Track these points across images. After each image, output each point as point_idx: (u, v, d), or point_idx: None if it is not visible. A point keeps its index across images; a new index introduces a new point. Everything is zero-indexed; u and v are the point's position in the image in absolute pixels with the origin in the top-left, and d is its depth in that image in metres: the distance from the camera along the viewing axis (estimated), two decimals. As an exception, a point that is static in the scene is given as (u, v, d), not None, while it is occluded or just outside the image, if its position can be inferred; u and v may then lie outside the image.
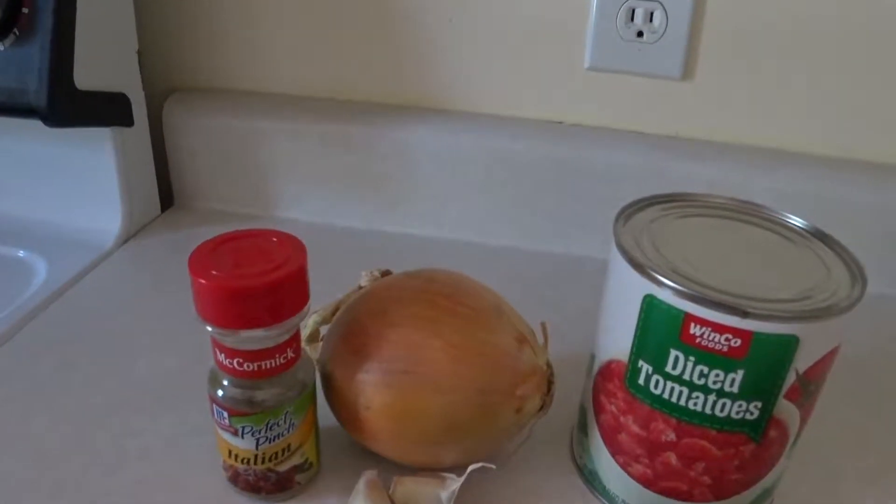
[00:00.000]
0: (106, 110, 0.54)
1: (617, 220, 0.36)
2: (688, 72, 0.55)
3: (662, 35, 0.54)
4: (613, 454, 0.37)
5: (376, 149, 0.59)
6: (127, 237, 0.59)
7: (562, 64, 0.57)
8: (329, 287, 0.42)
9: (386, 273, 0.41)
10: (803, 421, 0.34)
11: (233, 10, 0.60)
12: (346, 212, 0.63)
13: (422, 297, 0.36)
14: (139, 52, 0.57)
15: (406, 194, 0.61)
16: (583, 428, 0.39)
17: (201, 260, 0.32)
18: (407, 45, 0.59)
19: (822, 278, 0.33)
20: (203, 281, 0.31)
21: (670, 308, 0.31)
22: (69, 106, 0.51)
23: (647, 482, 0.36)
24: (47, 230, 0.58)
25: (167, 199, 0.65)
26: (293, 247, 0.33)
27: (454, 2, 0.56)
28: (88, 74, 0.51)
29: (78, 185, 0.57)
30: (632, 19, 0.54)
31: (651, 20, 0.54)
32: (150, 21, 0.61)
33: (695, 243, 0.35)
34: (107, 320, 0.50)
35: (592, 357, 0.38)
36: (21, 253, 0.56)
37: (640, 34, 0.54)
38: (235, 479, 0.37)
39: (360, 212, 0.62)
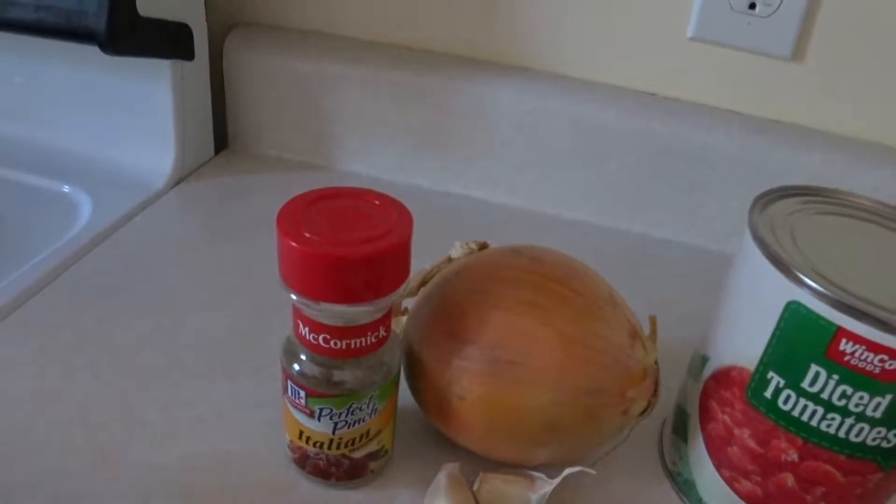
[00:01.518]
0: (167, 41, 0.50)
1: (753, 207, 0.33)
2: (799, 52, 0.51)
3: (777, 9, 0.50)
4: (718, 467, 0.34)
5: (452, 105, 0.55)
6: (179, 179, 0.56)
7: (663, 30, 0.52)
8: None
9: (483, 246, 0.37)
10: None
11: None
12: (413, 169, 0.59)
13: (529, 278, 0.32)
14: (203, -20, 0.53)
15: (480, 156, 0.57)
16: (681, 433, 0.36)
17: (293, 218, 0.29)
18: (496, -4, 0.54)
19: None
20: (294, 244, 0.27)
21: (820, 319, 0.28)
22: (129, 33, 0.47)
23: (754, 501, 0.33)
24: (95, 165, 0.55)
25: (221, 141, 0.62)
26: (398, 212, 0.30)
27: (550, -49, 0.52)
28: (151, 1, 0.48)
29: (130, 119, 0.54)
30: (746, -12, 0.50)
31: (767, -10, 0.49)
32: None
33: (837, 246, 0.31)
34: (154, 270, 0.47)
35: (704, 358, 0.35)
36: (66, 188, 0.53)
37: (752, 6, 0.50)
38: (303, 462, 0.34)
39: (428, 170, 0.59)
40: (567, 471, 0.32)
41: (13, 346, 0.41)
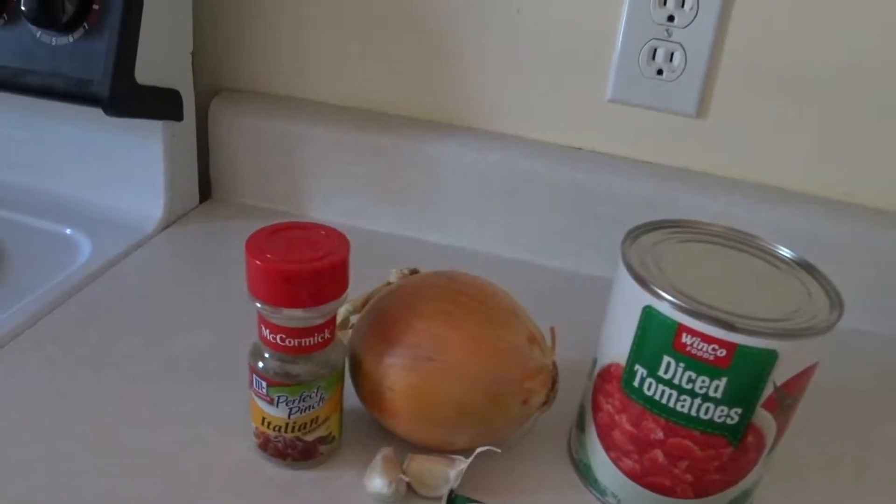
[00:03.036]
0: (160, 105, 0.60)
1: (625, 239, 0.41)
2: (702, 110, 0.61)
3: (681, 74, 0.59)
4: (607, 449, 0.42)
5: (405, 159, 0.65)
6: (167, 224, 0.65)
7: (585, 94, 0.62)
8: (355, 283, 0.47)
9: (414, 271, 0.46)
10: (780, 431, 0.39)
11: (281, 20, 0.66)
12: (373, 216, 0.68)
13: (446, 293, 0.41)
14: (192, 53, 0.62)
15: (430, 204, 0.66)
16: (580, 425, 0.44)
17: (257, 244, 0.37)
18: (441, 66, 0.64)
19: (804, 303, 0.38)
20: (258, 262, 0.36)
21: (666, 319, 0.37)
22: (128, 98, 0.56)
23: (635, 476, 0.41)
24: (94, 211, 0.63)
25: (206, 191, 0.71)
26: (339, 240, 0.38)
27: (489, 29, 0.62)
28: (147, 70, 0.57)
29: (126, 171, 0.63)
30: (653, 58, 0.59)
31: (671, 60, 0.59)
32: (204, 24, 0.67)
33: (693, 265, 0.40)
34: (147, 299, 0.56)
35: (594, 361, 0.43)
36: (68, 230, 0.62)
37: (660, 72, 0.60)
38: (265, 445, 0.42)
39: (386, 217, 0.68)
40: (478, 450, 0.40)
41: (27, 355, 0.49)
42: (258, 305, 0.38)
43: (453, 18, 0.63)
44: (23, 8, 0.54)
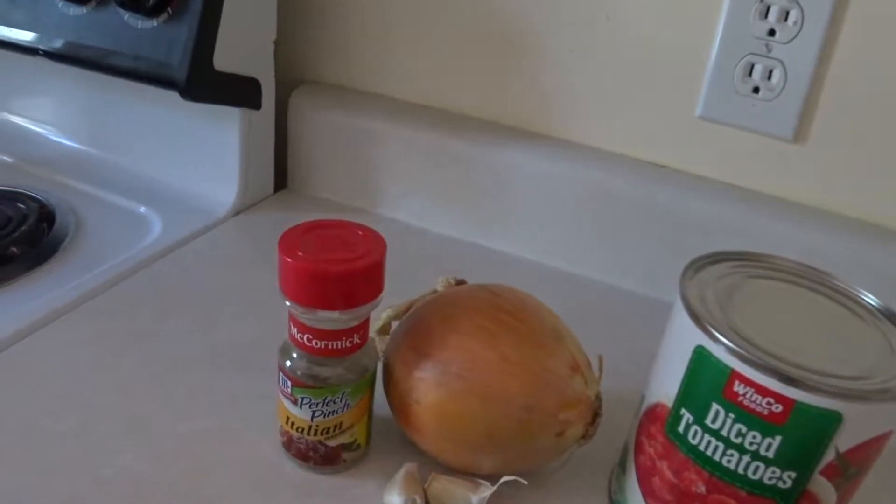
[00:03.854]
0: (238, 92, 0.60)
1: (686, 269, 0.38)
2: (800, 134, 0.55)
3: (779, 94, 0.54)
4: (646, 496, 0.38)
5: (480, 164, 0.62)
6: (238, 210, 0.65)
7: (674, 109, 0.58)
8: (409, 286, 0.45)
9: (461, 282, 0.44)
10: (841, 502, 0.35)
11: (368, 16, 0.65)
12: (441, 220, 0.66)
13: (486, 308, 0.38)
14: (275, 43, 0.62)
15: (501, 212, 0.64)
16: (622, 465, 0.41)
17: (291, 241, 0.36)
18: (524, 71, 0.62)
19: (883, 360, 0.33)
20: (289, 260, 0.35)
21: (718, 362, 0.33)
22: (205, 84, 0.56)
23: (673, 529, 0.37)
24: (168, 192, 0.64)
25: (281, 181, 0.70)
26: (375, 241, 0.37)
27: (575, 35, 0.59)
28: (227, 57, 0.57)
29: (202, 155, 0.63)
30: (749, 74, 0.55)
31: (769, 78, 0.54)
32: (289, 14, 0.66)
33: (759, 305, 0.36)
34: (205, 282, 0.56)
35: (642, 397, 0.39)
36: (142, 209, 0.63)
37: (756, 90, 0.55)
38: (289, 444, 0.40)
39: (454, 222, 0.66)
40: (504, 478, 0.38)
41: (79, 328, 0.50)
42: (287, 304, 0.36)
43: (540, 23, 0.60)
44: (113, -9, 0.55)
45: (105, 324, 0.50)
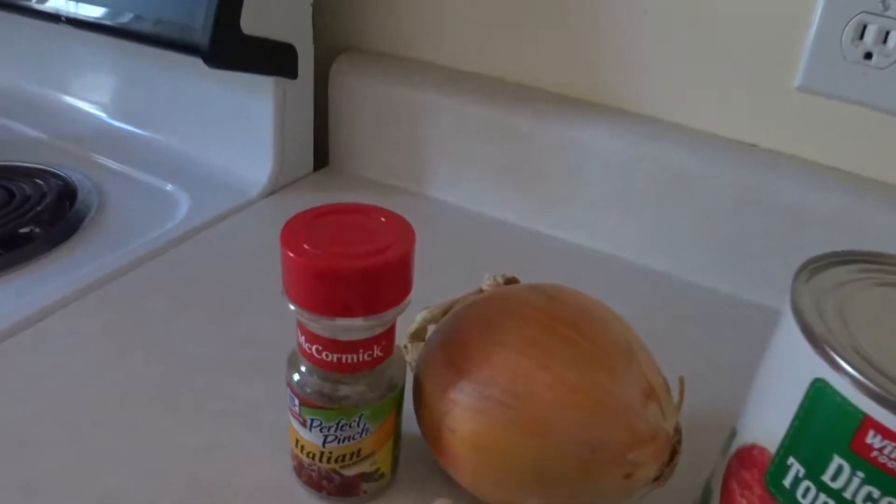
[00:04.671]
0: (270, 59, 0.52)
1: (798, 274, 0.29)
2: (922, 109, 0.45)
3: (897, 61, 0.44)
4: (735, 556, 0.30)
5: (540, 141, 0.54)
6: (273, 190, 0.58)
7: (767, 79, 0.48)
8: (455, 280, 0.38)
9: (511, 281, 0.36)
10: None
11: (416, -26, 0.57)
12: (497, 202, 0.58)
13: (539, 317, 0.30)
14: (313, 5, 0.54)
15: (565, 195, 0.55)
16: (704, 512, 0.32)
17: (296, 230, 0.28)
18: (591, 32, 0.52)
19: None
20: (292, 255, 0.27)
21: (846, 403, 0.24)
22: (231, 49, 0.50)
23: None
24: (197, 169, 0.58)
25: (323, 158, 0.63)
26: (401, 230, 0.29)
27: (655, -8, 0.50)
28: (257, 21, 0.50)
29: (235, 129, 0.57)
30: (861, 37, 0.45)
31: (885, 41, 0.44)
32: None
33: (893, 324, 0.27)
34: (228, 271, 0.49)
35: (733, 432, 0.31)
36: (169, 186, 0.57)
37: (868, 56, 0.45)
38: (300, 470, 0.33)
39: (512, 205, 0.57)
40: (556, 528, 0.30)
41: (84, 319, 0.44)
42: (292, 308, 0.29)
43: (613, -22, 0.50)
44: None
45: (115, 315, 0.44)
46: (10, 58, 0.70)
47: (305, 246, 0.27)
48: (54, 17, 0.55)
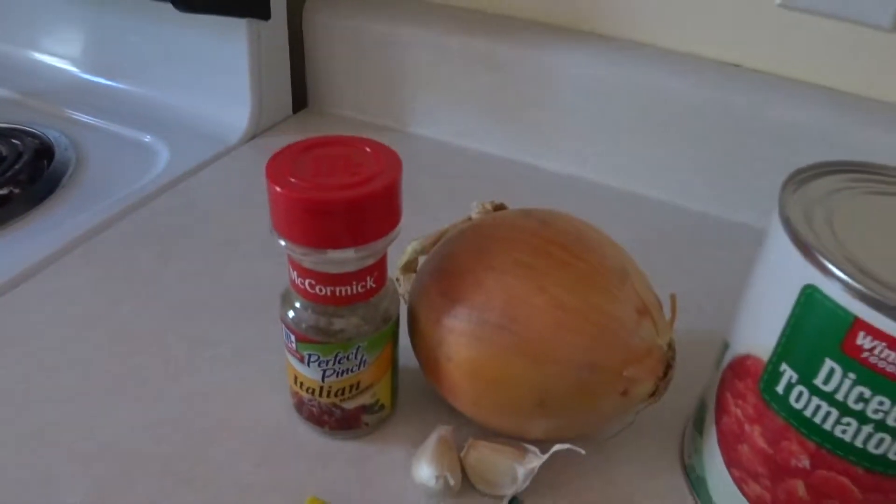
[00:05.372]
0: (241, 0, 0.51)
1: (786, 184, 0.29)
2: (904, 22, 0.45)
3: (882, -28, 0.44)
4: (729, 465, 0.30)
5: (522, 70, 0.53)
6: (253, 135, 0.57)
7: (749, -4, 0.48)
8: (442, 213, 0.38)
9: (499, 207, 0.36)
10: None
11: None
12: (481, 135, 0.57)
13: (532, 241, 0.30)
14: (284, -59, 0.53)
15: (549, 124, 0.55)
16: (698, 426, 0.33)
17: (281, 165, 0.28)
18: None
19: None
20: (279, 189, 0.27)
21: (836, 307, 0.24)
22: (202, -10, 0.48)
23: (764, 507, 0.30)
24: (175, 117, 0.57)
25: (301, 100, 0.63)
26: (387, 160, 0.29)
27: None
28: (226, -41, 0.49)
29: (210, 75, 0.56)
30: (845, -51, 0.44)
31: (870, -49, 0.44)
32: None
33: (882, 230, 0.27)
34: (214, 218, 0.49)
35: (725, 345, 0.31)
36: (147, 138, 0.56)
37: (853, -32, 0.45)
38: (300, 407, 0.34)
39: (496, 137, 0.57)
40: (556, 447, 0.30)
41: (71, 275, 0.44)
42: (281, 243, 0.29)
43: None
44: None
45: (103, 267, 0.44)
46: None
47: (292, 179, 0.27)
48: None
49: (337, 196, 0.27)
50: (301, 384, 0.32)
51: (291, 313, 0.31)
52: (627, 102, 0.51)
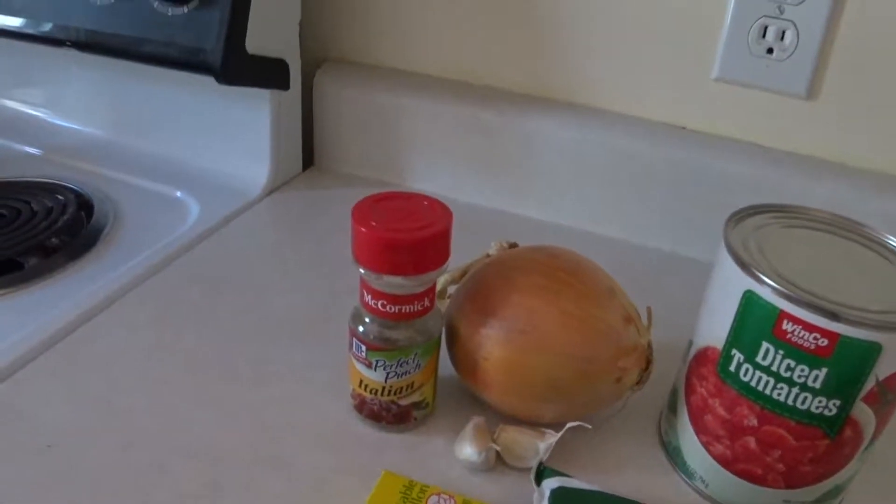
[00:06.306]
0: (268, 73, 0.63)
1: (728, 221, 0.41)
2: (813, 91, 0.59)
3: (791, 54, 0.58)
4: (698, 433, 0.42)
5: (505, 134, 0.66)
6: (271, 190, 0.68)
7: (690, 71, 0.62)
8: (452, 254, 0.49)
9: (513, 245, 0.48)
10: (879, 427, 0.39)
11: (385, -9, 0.68)
12: (471, 189, 0.70)
13: (544, 269, 0.42)
14: (300, 23, 0.65)
15: (529, 179, 0.67)
16: (672, 407, 0.45)
17: (363, 211, 0.39)
18: (544, 39, 0.65)
19: (914, 296, 0.38)
20: (363, 229, 0.38)
21: (767, 304, 0.37)
22: (239, 67, 0.59)
23: (725, 462, 0.41)
24: (202, 175, 0.67)
25: (308, 159, 0.74)
26: (441, 211, 0.40)
27: (593, 2, 0.62)
28: (257, 40, 0.60)
29: (234, 137, 0.67)
30: (763, 36, 0.58)
31: (782, 39, 0.58)
32: (309, -7, 0.69)
33: (796, 252, 0.40)
34: (250, 260, 0.59)
35: (690, 343, 0.43)
36: (178, 193, 0.66)
37: (769, 51, 0.59)
38: (361, 406, 0.44)
39: (484, 190, 0.69)
40: (569, 424, 0.42)
41: (133, 313, 0.53)
42: (361, 271, 0.40)
43: (558, -8, 0.63)
44: (143, -21, 0.58)
45: (160, 306, 0.54)
46: (2, 82, 0.78)
47: (373, 223, 0.38)
48: (58, 42, 0.63)
49: (407, 237, 0.38)
50: (365, 386, 0.43)
51: (361, 328, 0.42)
52: (594, 159, 0.64)
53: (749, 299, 0.38)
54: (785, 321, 0.36)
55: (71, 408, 0.45)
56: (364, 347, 0.42)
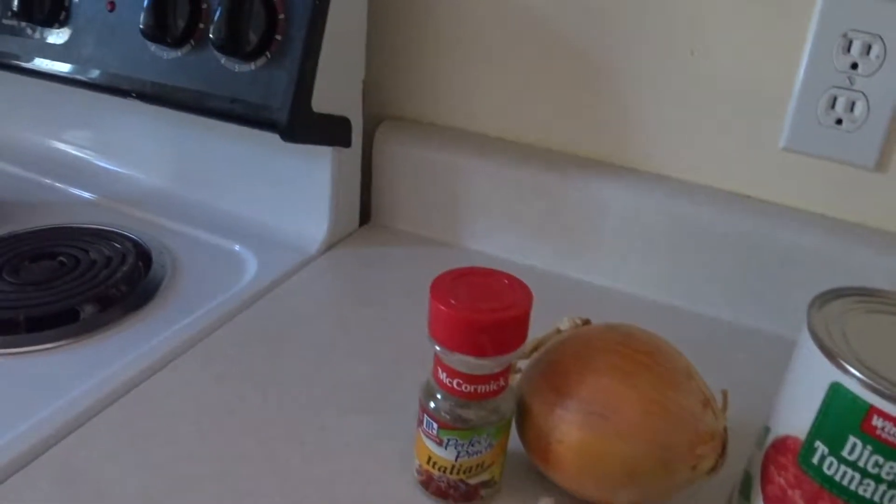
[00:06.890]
0: (332, 131, 0.64)
1: (811, 305, 0.42)
2: (882, 163, 0.59)
3: (862, 125, 0.59)
4: (775, 524, 0.42)
5: (566, 198, 0.67)
6: (329, 246, 0.69)
7: (758, 140, 0.62)
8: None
9: (586, 322, 0.48)
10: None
11: (449, 52, 0.70)
12: (530, 252, 0.70)
13: (622, 350, 0.42)
14: (363, 82, 0.66)
15: (589, 244, 0.68)
16: (745, 494, 0.44)
17: (442, 288, 0.40)
18: (608, 103, 0.66)
19: None
20: (442, 307, 0.39)
21: (856, 398, 0.37)
22: (305, 125, 0.61)
23: (804, 556, 0.41)
24: (260, 229, 0.69)
25: (365, 215, 0.75)
26: (522, 291, 0.41)
27: (660, 69, 0.63)
28: (322, 99, 0.61)
29: (294, 193, 0.68)
30: (833, 107, 0.59)
31: (852, 109, 0.58)
32: (373, 53, 0.71)
33: (882, 340, 0.40)
34: (308, 321, 0.60)
35: (767, 429, 0.43)
36: (237, 247, 0.67)
37: (839, 121, 0.59)
38: (427, 483, 0.44)
39: (543, 254, 0.70)
40: (642, 510, 0.42)
41: (195, 371, 0.54)
42: (437, 348, 0.40)
43: (624, 56, 0.64)
44: (211, 36, 0.60)
45: (221, 366, 0.54)
46: (64, 126, 0.81)
47: (452, 301, 0.39)
48: (124, 93, 0.65)
49: (488, 317, 0.39)
50: (434, 463, 0.43)
51: (433, 404, 0.42)
52: (656, 226, 0.65)
53: (835, 391, 0.38)
54: (875, 417, 0.36)
55: (132, 471, 0.46)
56: (436, 425, 0.42)
